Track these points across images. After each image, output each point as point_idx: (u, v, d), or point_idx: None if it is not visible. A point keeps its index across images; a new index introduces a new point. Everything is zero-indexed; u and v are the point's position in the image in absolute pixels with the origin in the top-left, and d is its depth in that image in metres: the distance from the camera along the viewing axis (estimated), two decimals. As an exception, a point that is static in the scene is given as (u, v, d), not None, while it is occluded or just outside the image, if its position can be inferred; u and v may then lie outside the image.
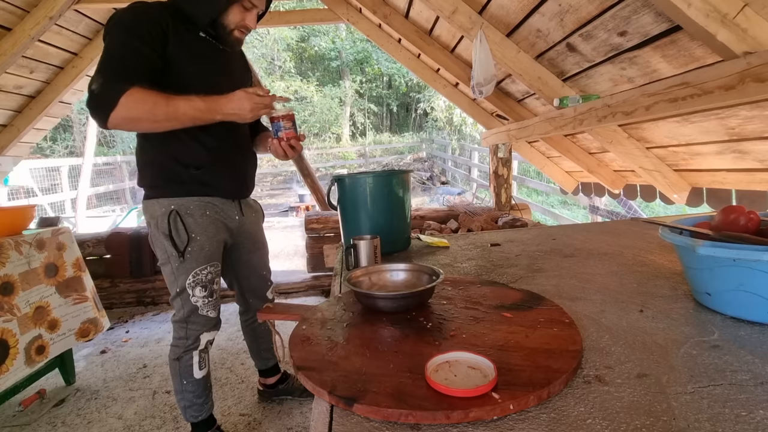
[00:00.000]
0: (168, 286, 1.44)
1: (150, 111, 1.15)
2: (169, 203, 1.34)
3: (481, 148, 7.98)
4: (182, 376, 1.50)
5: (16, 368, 1.74)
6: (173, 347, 1.50)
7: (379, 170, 3.22)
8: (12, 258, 1.77)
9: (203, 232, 1.39)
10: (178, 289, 1.41)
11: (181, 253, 1.36)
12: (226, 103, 1.23)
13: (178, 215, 1.34)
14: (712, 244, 0.71)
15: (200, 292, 1.42)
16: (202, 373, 1.52)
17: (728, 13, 1.11)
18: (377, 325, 0.79)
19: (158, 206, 1.35)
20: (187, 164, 1.34)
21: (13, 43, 2.62)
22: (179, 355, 1.48)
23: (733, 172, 1.88)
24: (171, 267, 1.39)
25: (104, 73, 1.12)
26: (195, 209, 1.37)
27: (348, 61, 16.78)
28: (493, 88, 2.22)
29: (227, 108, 1.23)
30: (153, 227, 1.37)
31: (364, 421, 0.54)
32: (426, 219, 3.31)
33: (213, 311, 1.49)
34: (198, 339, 1.48)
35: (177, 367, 1.49)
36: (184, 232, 1.36)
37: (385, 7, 2.95)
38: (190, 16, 1.27)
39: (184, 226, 1.35)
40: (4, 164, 3.60)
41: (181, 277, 1.39)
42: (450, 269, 1.21)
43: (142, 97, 1.13)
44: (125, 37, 1.16)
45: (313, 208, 7.65)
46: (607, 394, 0.56)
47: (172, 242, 1.35)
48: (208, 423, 1.60)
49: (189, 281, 1.40)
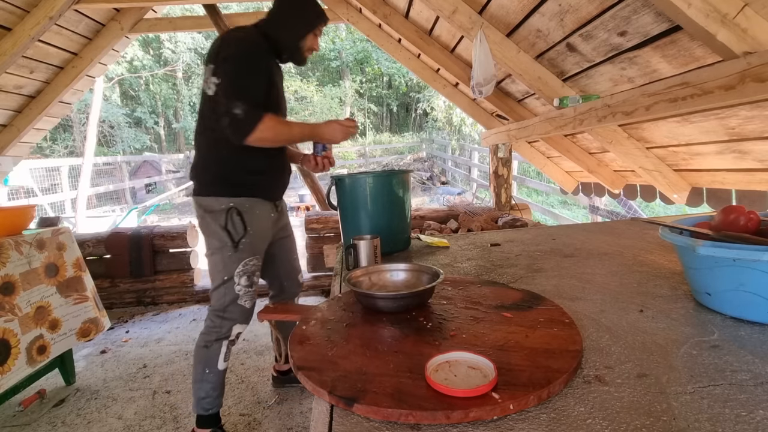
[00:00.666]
0: (212, 276, 1.58)
1: (276, 135, 1.45)
2: (228, 201, 1.53)
3: (481, 148, 7.99)
4: (206, 365, 1.58)
5: (18, 368, 1.74)
6: (203, 335, 1.59)
7: (379, 170, 3.22)
8: (12, 258, 1.77)
9: (255, 227, 1.58)
10: (226, 277, 1.55)
11: (236, 244, 1.53)
12: (325, 130, 1.56)
13: (237, 211, 1.53)
14: (712, 244, 0.71)
15: (245, 281, 1.57)
16: (224, 365, 1.62)
17: (728, 13, 1.11)
18: (377, 325, 0.79)
19: (217, 203, 1.53)
20: (251, 171, 1.56)
21: (13, 43, 2.62)
22: (209, 342, 1.58)
23: (733, 172, 1.88)
24: (222, 256, 1.54)
25: (245, 101, 1.38)
26: (249, 207, 1.56)
27: (348, 61, 16.79)
28: (493, 88, 2.22)
29: (325, 134, 1.57)
30: (210, 219, 1.54)
31: (364, 421, 0.54)
32: (426, 219, 3.31)
33: (250, 302, 1.61)
34: (231, 329, 1.60)
35: (204, 354, 1.58)
36: (242, 226, 1.54)
37: (385, 7, 2.95)
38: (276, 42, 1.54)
39: (242, 221, 1.54)
40: (4, 164, 3.60)
41: (232, 266, 1.54)
42: (450, 269, 1.21)
43: (272, 124, 1.43)
44: (254, 69, 1.44)
45: (313, 208, 7.65)
46: (607, 394, 0.56)
47: (229, 234, 1.52)
48: (215, 419, 1.65)
49: (238, 270, 1.55)
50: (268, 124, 1.41)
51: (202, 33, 14.04)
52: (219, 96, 1.40)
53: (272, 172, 1.64)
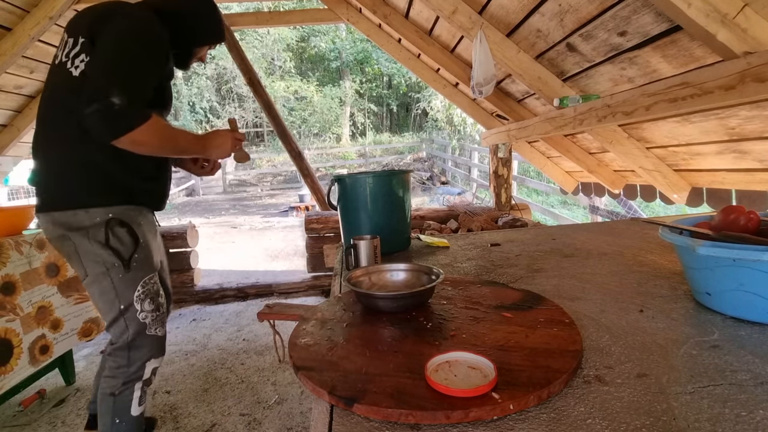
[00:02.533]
0: (103, 309, 1.26)
1: (161, 141, 1.17)
2: (105, 212, 1.21)
3: (481, 148, 7.99)
4: (115, 414, 1.29)
5: (21, 367, 1.75)
6: (108, 379, 1.30)
7: (379, 170, 3.21)
8: (12, 258, 1.77)
9: (146, 238, 1.30)
10: (123, 306, 1.25)
11: (127, 262, 1.23)
12: (213, 143, 1.33)
13: (120, 222, 1.23)
14: (712, 244, 0.71)
15: (149, 306, 1.28)
16: (140, 410, 1.33)
17: (728, 13, 1.11)
18: (377, 325, 0.79)
19: (87, 216, 1.20)
20: (142, 175, 1.28)
21: (13, 43, 2.62)
22: (117, 388, 1.29)
23: (733, 172, 1.88)
24: (111, 281, 1.23)
25: (128, 91, 1.07)
26: (134, 216, 1.27)
27: (348, 61, 16.78)
28: (493, 88, 2.22)
29: (214, 144, 1.33)
30: (80, 239, 1.20)
31: (364, 421, 0.54)
32: (426, 219, 3.31)
33: (161, 328, 1.34)
34: (143, 367, 1.31)
35: (111, 403, 1.29)
36: (130, 239, 1.24)
37: (385, 7, 2.95)
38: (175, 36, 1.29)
39: (129, 232, 1.24)
40: (4, 164, 3.60)
41: (127, 291, 1.25)
42: (450, 269, 1.21)
43: (158, 128, 1.14)
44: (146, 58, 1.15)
45: (313, 208, 7.65)
46: (607, 394, 0.56)
47: (114, 252, 1.21)
48: None
49: (138, 293, 1.26)
50: (154, 127, 1.11)
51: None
52: (92, 76, 1.09)
53: (163, 176, 1.38)
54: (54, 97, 1.20)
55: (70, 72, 1.15)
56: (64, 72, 1.16)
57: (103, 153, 1.18)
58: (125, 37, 1.13)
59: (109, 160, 1.20)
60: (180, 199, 11.65)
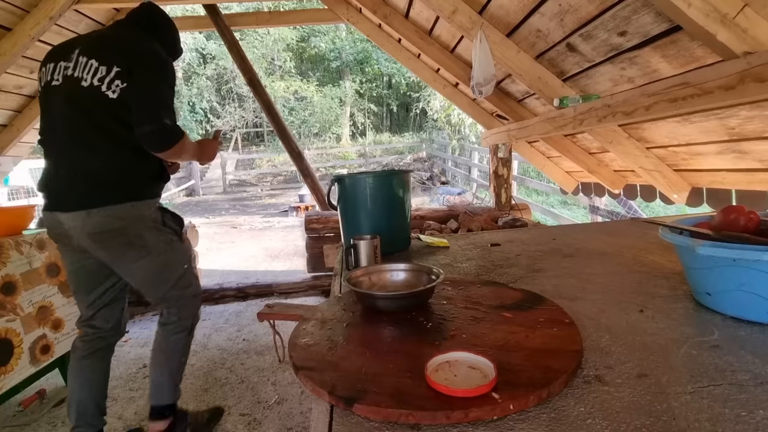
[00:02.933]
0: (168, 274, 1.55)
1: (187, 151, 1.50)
2: (154, 202, 1.53)
3: (481, 148, 7.99)
4: (184, 353, 1.63)
5: (21, 367, 1.75)
6: (182, 321, 1.60)
7: (379, 170, 3.21)
8: (13, 258, 1.77)
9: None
10: (186, 266, 1.60)
11: (180, 235, 1.59)
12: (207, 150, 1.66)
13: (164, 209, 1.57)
14: (712, 244, 0.71)
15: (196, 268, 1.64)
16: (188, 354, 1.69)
17: (728, 13, 1.10)
18: (377, 325, 0.79)
19: (146, 207, 1.48)
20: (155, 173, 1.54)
21: (13, 43, 2.62)
22: (189, 329, 1.63)
23: (733, 172, 1.88)
24: (174, 250, 1.54)
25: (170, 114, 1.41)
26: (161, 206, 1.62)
27: (348, 61, 16.78)
28: (493, 88, 2.22)
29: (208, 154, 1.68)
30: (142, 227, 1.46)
31: (364, 421, 0.54)
32: (426, 219, 3.31)
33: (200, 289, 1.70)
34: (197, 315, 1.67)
35: (185, 342, 1.62)
36: (175, 220, 1.59)
37: (385, 7, 2.95)
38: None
39: (172, 215, 1.59)
40: (4, 164, 3.60)
41: (186, 255, 1.62)
42: (450, 269, 1.21)
43: (187, 141, 1.48)
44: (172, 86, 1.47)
45: (313, 208, 7.65)
46: (607, 394, 0.56)
47: (172, 229, 1.56)
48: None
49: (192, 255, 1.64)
50: (187, 140, 1.47)
51: (203, 33, 14.05)
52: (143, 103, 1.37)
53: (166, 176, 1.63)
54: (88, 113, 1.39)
55: (107, 95, 1.36)
56: (98, 94, 1.36)
57: (134, 158, 1.44)
58: (161, 73, 1.43)
59: (139, 164, 1.46)
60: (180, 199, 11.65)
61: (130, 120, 1.37)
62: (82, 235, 1.40)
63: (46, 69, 1.43)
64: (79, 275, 1.52)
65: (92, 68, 1.36)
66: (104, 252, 1.44)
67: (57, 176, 1.41)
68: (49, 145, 1.45)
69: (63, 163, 1.41)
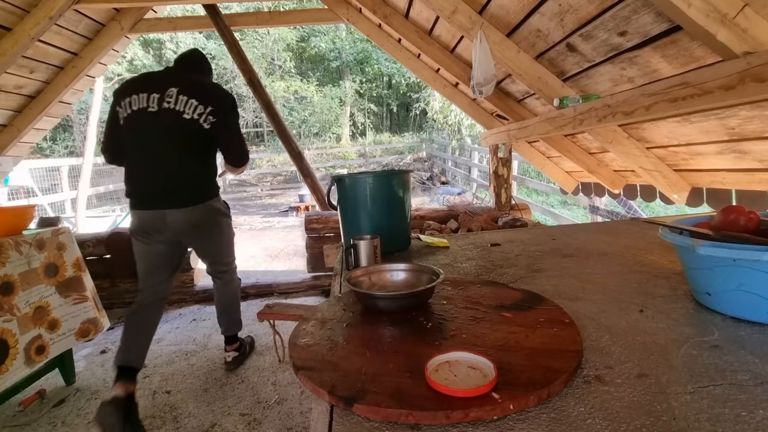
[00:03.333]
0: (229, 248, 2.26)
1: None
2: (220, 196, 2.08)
3: (481, 148, 7.99)
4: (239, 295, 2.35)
5: (16, 368, 1.74)
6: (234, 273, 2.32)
7: (379, 170, 3.21)
8: (12, 258, 1.77)
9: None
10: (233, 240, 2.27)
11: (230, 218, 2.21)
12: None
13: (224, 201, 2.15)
14: (712, 244, 0.71)
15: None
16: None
17: (728, 13, 1.10)
18: (377, 325, 0.79)
19: (218, 201, 2.05)
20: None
21: (13, 43, 2.62)
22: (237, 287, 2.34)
23: (733, 172, 1.88)
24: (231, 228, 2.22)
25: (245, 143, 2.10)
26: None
27: (348, 61, 16.78)
28: (493, 88, 2.22)
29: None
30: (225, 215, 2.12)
31: (364, 421, 0.54)
32: (426, 219, 3.31)
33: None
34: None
35: (238, 284, 2.35)
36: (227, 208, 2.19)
37: (385, 7, 2.95)
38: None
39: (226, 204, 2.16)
40: (4, 164, 3.59)
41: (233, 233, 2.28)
42: (450, 269, 1.21)
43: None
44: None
45: (313, 208, 7.65)
46: (607, 394, 0.56)
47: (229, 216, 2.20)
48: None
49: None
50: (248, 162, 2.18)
51: (203, 33, 14.04)
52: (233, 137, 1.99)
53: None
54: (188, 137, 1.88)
55: (203, 125, 1.87)
56: (197, 124, 1.86)
57: (212, 168, 2.03)
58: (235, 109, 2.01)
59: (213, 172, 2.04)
60: (180, 199, 11.62)
61: (214, 143, 1.96)
62: (185, 225, 1.90)
63: (139, 97, 1.83)
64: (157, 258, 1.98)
65: (192, 105, 1.85)
66: (197, 236, 2.03)
67: (160, 182, 1.85)
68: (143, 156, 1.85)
69: (163, 171, 1.85)
